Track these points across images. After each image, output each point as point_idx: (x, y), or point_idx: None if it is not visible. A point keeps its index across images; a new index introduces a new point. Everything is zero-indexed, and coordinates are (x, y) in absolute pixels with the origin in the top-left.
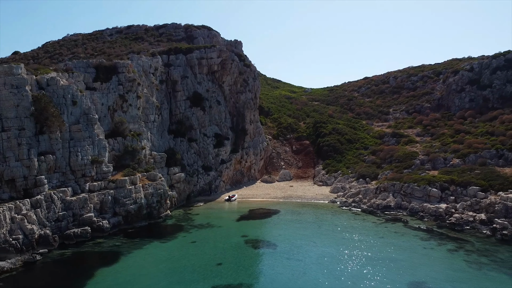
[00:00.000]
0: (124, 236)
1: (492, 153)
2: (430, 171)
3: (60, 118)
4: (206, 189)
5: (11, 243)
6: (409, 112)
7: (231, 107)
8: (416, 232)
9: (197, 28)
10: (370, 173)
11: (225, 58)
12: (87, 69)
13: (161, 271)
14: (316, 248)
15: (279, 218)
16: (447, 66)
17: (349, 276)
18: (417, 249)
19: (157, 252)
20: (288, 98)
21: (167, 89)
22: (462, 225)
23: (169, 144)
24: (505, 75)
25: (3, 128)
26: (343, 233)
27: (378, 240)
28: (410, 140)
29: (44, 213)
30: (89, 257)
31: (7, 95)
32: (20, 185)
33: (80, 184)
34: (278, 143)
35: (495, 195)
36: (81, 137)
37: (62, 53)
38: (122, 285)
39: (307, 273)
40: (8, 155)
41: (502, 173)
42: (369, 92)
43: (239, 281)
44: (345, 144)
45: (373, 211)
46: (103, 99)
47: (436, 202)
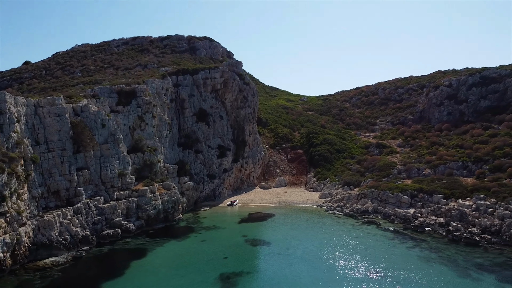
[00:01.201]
0: (147, 236)
1: (458, 164)
2: (405, 179)
3: (94, 139)
4: (211, 195)
5: (61, 242)
6: (394, 123)
7: (232, 121)
8: (385, 233)
9: (199, 40)
10: (354, 181)
11: (227, 78)
12: (110, 94)
13: (180, 263)
14: (301, 245)
15: (273, 221)
16: (431, 79)
17: (325, 267)
18: (382, 246)
19: (175, 249)
20: (284, 108)
21: (176, 106)
22: (424, 227)
23: (179, 156)
24: (479, 91)
25: (48, 149)
26: (324, 234)
27: (353, 239)
28: (392, 151)
29: (84, 218)
30: (122, 253)
31: (51, 122)
32: (63, 195)
33: (109, 193)
34: (275, 152)
35: (455, 202)
36: (109, 154)
37: (72, 64)
38: (151, 274)
39: (293, 264)
40: (53, 171)
41: (464, 183)
42: (359, 103)
43: (240, 270)
44: (334, 154)
45: (353, 214)
46: (125, 120)
47: (406, 207)
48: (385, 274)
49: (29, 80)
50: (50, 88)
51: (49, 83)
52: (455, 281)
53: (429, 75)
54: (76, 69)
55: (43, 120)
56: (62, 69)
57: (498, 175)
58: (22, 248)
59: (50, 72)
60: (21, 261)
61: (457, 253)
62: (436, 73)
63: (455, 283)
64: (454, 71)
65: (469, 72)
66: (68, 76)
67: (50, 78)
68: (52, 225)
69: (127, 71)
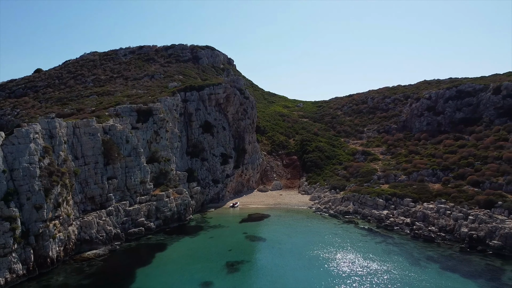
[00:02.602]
0: (165, 233)
1: (429, 172)
2: (383, 184)
3: (120, 153)
4: (215, 198)
5: (99, 238)
6: (379, 132)
7: (234, 131)
8: (360, 231)
9: (201, 49)
10: (340, 185)
11: (229, 93)
12: (131, 112)
13: (194, 254)
14: (290, 241)
15: (269, 221)
16: (415, 90)
17: (308, 257)
18: (355, 241)
19: (188, 243)
20: (281, 116)
21: (184, 119)
22: (393, 226)
23: (188, 164)
24: (455, 104)
25: (85, 163)
26: (310, 232)
27: (333, 236)
28: (375, 158)
29: (114, 219)
30: (147, 247)
31: (86, 140)
32: (97, 200)
33: (133, 198)
34: (272, 158)
35: (421, 205)
36: (132, 165)
37: (83, 74)
38: (172, 263)
39: (283, 255)
40: (89, 181)
41: (431, 188)
42: (350, 111)
43: (242, 259)
44: (325, 160)
45: (336, 215)
46: (144, 135)
47: (381, 209)
48: (353, 262)
49: (43, 89)
50: (66, 98)
51: (63, 92)
52: (407, 268)
53: (415, 85)
54: (88, 79)
55: (80, 139)
56: (74, 78)
57: (459, 182)
58: (71, 243)
59: (62, 81)
60: (70, 253)
61: (415, 247)
62: (422, 83)
63: (406, 269)
64: (438, 81)
65: (453, 82)
66: (80, 85)
67: (64, 87)
68: (92, 225)
69: (136, 82)
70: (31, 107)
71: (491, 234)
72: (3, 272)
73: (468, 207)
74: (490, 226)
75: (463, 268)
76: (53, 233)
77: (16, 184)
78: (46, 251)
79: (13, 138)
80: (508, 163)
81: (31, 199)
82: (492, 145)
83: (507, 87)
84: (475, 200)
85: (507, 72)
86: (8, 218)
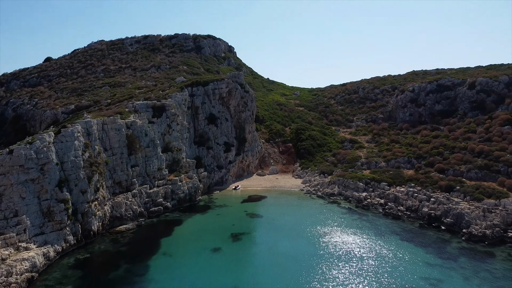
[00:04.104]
0: (179, 212)
1: (405, 159)
2: (365, 170)
3: (141, 145)
4: (220, 182)
5: (128, 216)
6: (367, 121)
7: (235, 122)
8: (341, 209)
9: (203, 38)
10: (328, 171)
11: (231, 88)
12: (147, 109)
13: (205, 228)
14: (283, 217)
15: (266, 201)
16: (402, 81)
17: (296, 230)
18: (336, 218)
19: (200, 219)
20: (279, 105)
21: (191, 112)
22: (369, 206)
23: (195, 152)
24: (435, 97)
25: (113, 153)
26: (300, 210)
27: (318, 214)
28: (361, 146)
29: (138, 200)
30: (166, 222)
31: (113, 135)
32: (124, 184)
33: (152, 182)
34: (269, 145)
35: (394, 188)
36: (151, 155)
37: (93, 64)
38: (188, 234)
39: (276, 228)
40: (116, 168)
41: (405, 174)
42: (342, 101)
43: (243, 231)
44: (316, 148)
45: (323, 196)
46: (158, 128)
47: (361, 191)
48: (331, 234)
49: (56, 79)
50: (80, 89)
51: (76, 83)
52: (373, 239)
53: (403, 75)
54: (98, 69)
55: (108, 133)
56: (84, 68)
57: (429, 169)
58: (106, 219)
59: (74, 71)
60: (106, 227)
61: (384, 223)
62: (410, 74)
63: (371, 240)
64: (424, 72)
65: (438, 75)
66: (91, 75)
67: (76, 77)
68: (121, 205)
69: (143, 72)
70: (48, 97)
71: (446, 213)
72: (60, 242)
73: (431, 190)
74: (446, 206)
75: (418, 239)
76: (94, 212)
77: (66, 174)
78: (90, 226)
79: (61, 137)
80: (471, 153)
81: (78, 185)
82: (461, 137)
83: (481, 83)
84: (438, 185)
85: (487, 65)
86: (63, 201)
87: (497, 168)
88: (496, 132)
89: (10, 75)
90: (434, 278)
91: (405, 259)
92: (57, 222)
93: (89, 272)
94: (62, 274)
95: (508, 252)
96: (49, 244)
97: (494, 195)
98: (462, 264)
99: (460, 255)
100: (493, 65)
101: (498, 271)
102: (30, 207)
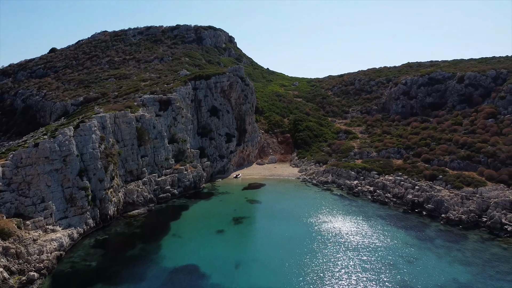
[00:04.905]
0: (185, 198)
1: (394, 150)
2: (358, 160)
3: (149, 137)
4: (222, 170)
5: (139, 201)
6: (362, 112)
7: (236, 114)
8: (334, 196)
9: (204, 29)
10: (323, 160)
11: (232, 81)
12: (154, 102)
13: (209, 212)
14: (280, 203)
15: (265, 188)
16: (397, 74)
17: (291, 214)
18: (328, 204)
19: (204, 205)
20: (278, 96)
21: (195, 105)
22: (359, 193)
23: (199, 143)
24: (426, 90)
25: (124, 145)
26: (295, 197)
27: (312, 200)
28: (354, 137)
29: (148, 187)
30: (174, 208)
31: (124, 128)
32: (135, 173)
33: (160, 171)
34: (268, 135)
35: (383, 177)
36: (159, 146)
37: (98, 55)
38: (194, 218)
39: (274, 213)
40: (128, 159)
41: (394, 164)
42: (339, 92)
43: (243, 215)
44: (313, 138)
45: (317, 184)
46: (165, 121)
47: (353, 180)
48: (322, 217)
49: (62, 70)
50: (87, 80)
51: (82, 74)
52: (360, 222)
53: (398, 67)
54: (102, 60)
55: (120, 126)
56: (89, 59)
57: (416, 159)
58: (120, 205)
59: (79, 62)
60: (120, 212)
61: (371, 209)
62: (404, 66)
63: (358, 223)
64: (418, 64)
65: (431, 67)
66: (96, 67)
67: (81, 68)
68: (133, 192)
69: (147, 64)
70: (56, 89)
71: (428, 200)
72: (82, 224)
73: (417, 179)
74: (428, 194)
75: (401, 223)
76: (110, 198)
77: (85, 164)
78: (107, 210)
79: (80, 131)
80: (456, 144)
81: (96, 174)
82: (448, 129)
83: (469, 77)
84: (423, 174)
85: (479, 58)
86: (83, 188)
87: (478, 158)
88: (480, 125)
89: (16, 66)
90: (411, 256)
91: (387, 240)
92: (78, 207)
93: (109, 250)
94: (85, 252)
95: (480, 235)
96: (72, 226)
97: (472, 183)
98: (437, 244)
99: (436, 237)
100: (484, 58)
101: (468, 251)
102: (55, 194)
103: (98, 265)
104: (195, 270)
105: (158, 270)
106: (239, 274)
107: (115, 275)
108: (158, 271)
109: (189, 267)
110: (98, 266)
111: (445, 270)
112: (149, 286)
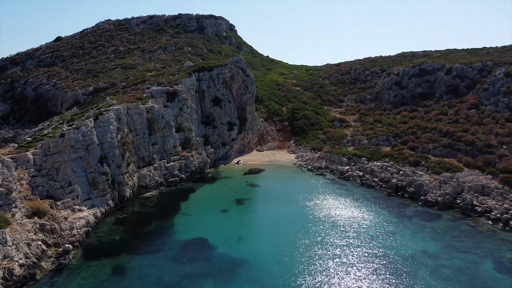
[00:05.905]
0: (192, 182)
1: (384, 138)
2: (350, 147)
3: (159, 127)
4: (224, 157)
5: (151, 185)
6: (356, 101)
7: (237, 104)
8: (326, 180)
9: (206, 18)
10: (318, 147)
11: (233, 73)
12: (161, 94)
13: (214, 195)
14: (278, 186)
15: (264, 173)
16: (391, 64)
17: (287, 196)
18: (320, 187)
19: (209, 188)
20: (277, 85)
21: (199, 95)
22: (349, 177)
23: (203, 131)
24: (416, 81)
25: (136, 134)
26: (292, 180)
27: (306, 183)
28: (348, 125)
29: (159, 172)
30: (182, 190)
31: (136, 118)
32: (146, 160)
33: (169, 158)
34: (267, 124)
35: (372, 163)
36: (167, 135)
37: (103, 44)
38: (201, 199)
39: (272, 195)
40: (140, 146)
41: (383, 151)
42: (335, 81)
43: (245, 197)
44: (309, 127)
45: (312, 169)
46: (172, 111)
47: (344, 165)
48: (314, 198)
49: (70, 59)
50: (94, 70)
51: (89, 63)
52: (348, 203)
53: (393, 57)
54: (108, 50)
55: (132, 117)
56: (95, 48)
57: (402, 146)
58: (135, 188)
59: (85, 51)
60: (135, 195)
61: (359, 191)
62: (399, 56)
63: (347, 204)
64: (412, 54)
65: (424, 57)
66: (102, 56)
67: (88, 57)
68: (146, 176)
69: (151, 54)
70: (65, 78)
71: (410, 184)
72: (103, 205)
73: (402, 165)
74: (411, 178)
75: (384, 204)
76: (127, 182)
77: (105, 152)
78: (124, 193)
79: (100, 122)
80: (439, 133)
81: (114, 161)
82: (434, 118)
83: (457, 69)
84: (408, 160)
85: (470, 49)
86: (104, 173)
87: (458, 146)
88: (463, 115)
89: (24, 55)
90: (389, 231)
91: (370, 218)
92: (100, 190)
93: (128, 227)
94: (108, 228)
95: (453, 215)
96: (95, 207)
97: (451, 169)
98: (414, 222)
99: (414, 216)
100: (475, 49)
101: (440, 228)
102: (80, 178)
103: (121, 239)
104: (204, 242)
105: (172, 242)
106: (241, 246)
107: (136, 246)
108: (173, 243)
109: (199, 240)
110: (121, 240)
111: (417, 243)
112: (166, 255)
